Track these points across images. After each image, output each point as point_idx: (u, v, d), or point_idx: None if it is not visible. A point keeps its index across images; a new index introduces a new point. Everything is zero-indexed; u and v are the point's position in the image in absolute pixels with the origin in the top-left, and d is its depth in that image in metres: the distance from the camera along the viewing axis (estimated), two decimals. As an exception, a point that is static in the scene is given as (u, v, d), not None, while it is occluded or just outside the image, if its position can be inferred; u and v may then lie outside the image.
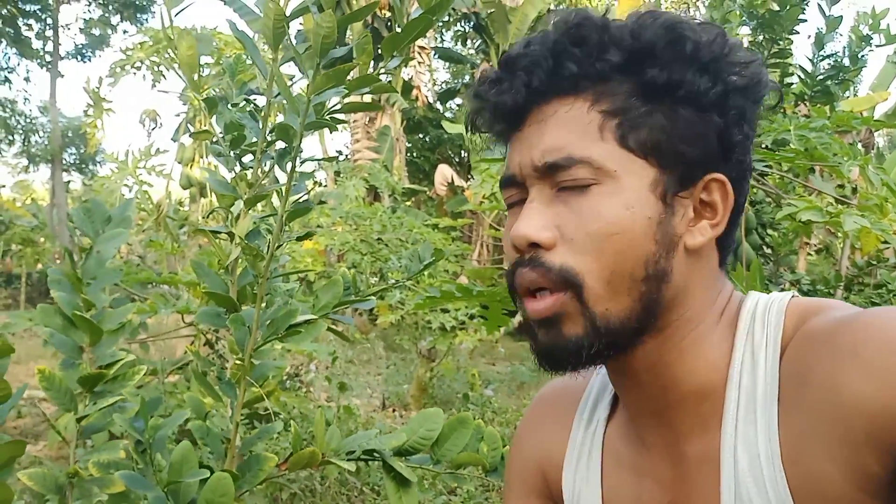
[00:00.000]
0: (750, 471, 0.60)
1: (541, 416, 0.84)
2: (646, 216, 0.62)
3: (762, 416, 0.61)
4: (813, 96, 4.10)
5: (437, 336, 5.17)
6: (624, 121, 0.62)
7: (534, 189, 0.64)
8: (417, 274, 1.68)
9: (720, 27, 0.66)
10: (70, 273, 1.43)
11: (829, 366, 0.56)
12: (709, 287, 0.67)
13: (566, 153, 0.62)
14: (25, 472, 1.24)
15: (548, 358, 0.65)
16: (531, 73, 0.64)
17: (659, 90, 0.62)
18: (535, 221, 0.63)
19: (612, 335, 0.62)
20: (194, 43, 1.51)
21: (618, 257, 0.61)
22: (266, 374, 1.45)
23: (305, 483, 3.00)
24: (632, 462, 0.71)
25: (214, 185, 1.54)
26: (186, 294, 4.38)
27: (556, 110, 0.64)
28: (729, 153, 0.65)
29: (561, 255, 0.62)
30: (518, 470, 0.84)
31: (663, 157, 0.63)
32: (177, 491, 1.24)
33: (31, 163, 19.80)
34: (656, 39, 0.62)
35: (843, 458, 0.55)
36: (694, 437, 0.66)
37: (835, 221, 2.55)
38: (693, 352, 0.65)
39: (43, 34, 17.94)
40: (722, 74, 0.63)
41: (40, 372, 1.33)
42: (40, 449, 4.23)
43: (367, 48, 1.35)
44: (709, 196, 0.65)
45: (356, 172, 10.98)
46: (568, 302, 0.62)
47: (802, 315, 0.63)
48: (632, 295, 0.62)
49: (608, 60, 0.63)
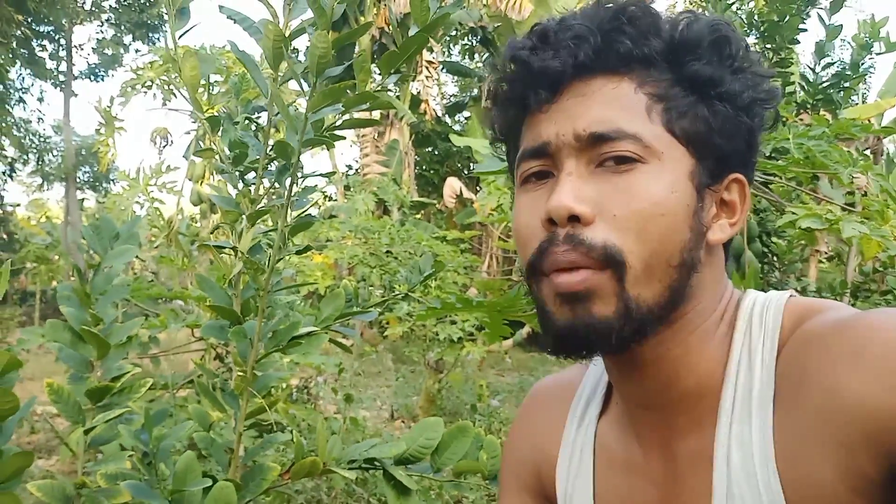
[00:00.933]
0: (743, 470, 0.60)
1: (534, 414, 0.84)
2: (685, 203, 0.62)
3: (757, 416, 0.61)
4: (815, 105, 4.11)
5: (445, 347, 5.19)
6: (670, 106, 0.63)
7: (570, 162, 0.63)
8: (418, 285, 1.71)
9: (745, 39, 0.67)
10: (79, 289, 1.47)
11: (829, 367, 0.56)
12: (717, 284, 0.67)
13: (616, 126, 0.61)
14: (35, 484, 1.28)
15: (570, 338, 0.62)
16: (578, 45, 0.63)
17: (702, 84, 0.63)
18: (576, 193, 0.61)
19: (641, 321, 0.61)
20: (197, 64, 1.55)
21: (660, 239, 0.60)
22: (269, 385, 1.48)
23: (312, 494, 3.02)
24: (624, 460, 0.71)
25: (219, 202, 1.59)
26: (197, 309, 4.43)
27: (603, 86, 0.63)
28: (751, 156, 0.67)
29: (602, 231, 0.60)
30: (512, 468, 0.84)
31: (701, 148, 0.63)
32: (181, 500, 1.27)
33: (46, 181, 20.02)
34: (702, 35, 0.63)
35: (839, 460, 0.55)
36: (688, 435, 0.66)
37: (834, 229, 2.55)
38: (697, 348, 0.65)
39: (56, 55, 18.21)
40: (750, 83, 0.65)
41: (49, 385, 1.37)
42: (53, 464, 4.28)
43: (364, 66, 1.39)
44: (729, 195, 0.67)
45: (365, 186, 11.04)
46: (606, 280, 0.60)
47: (801, 315, 0.63)
48: (663, 281, 0.61)
49: (655, 46, 0.63)
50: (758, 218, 4.14)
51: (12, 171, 18.67)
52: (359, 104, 1.37)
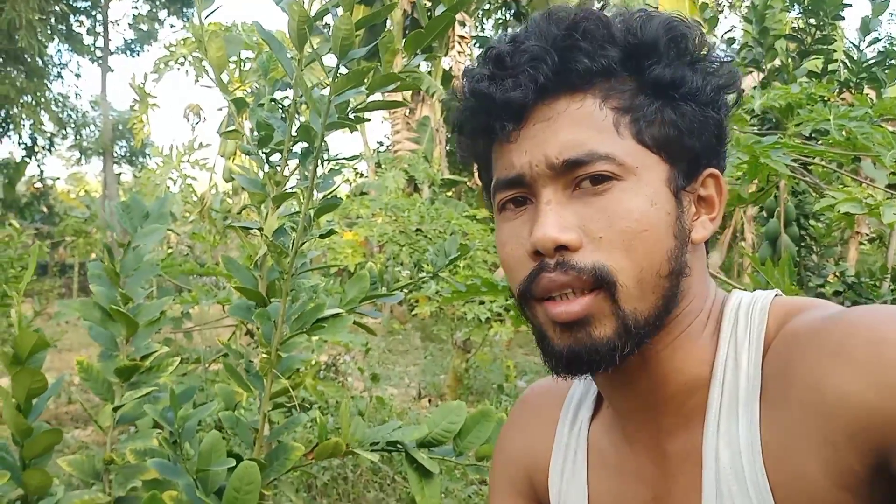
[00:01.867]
0: (731, 467, 0.60)
1: (525, 418, 0.84)
2: (666, 211, 0.62)
3: (744, 414, 0.61)
4: (858, 83, 3.98)
5: (473, 327, 5.19)
6: (638, 117, 0.62)
7: (547, 190, 0.62)
8: (445, 268, 1.71)
9: (698, 25, 0.67)
10: (109, 268, 1.49)
11: (814, 364, 0.56)
12: (702, 283, 0.67)
13: (588, 149, 0.60)
14: (65, 459, 1.31)
15: (574, 362, 0.63)
16: (536, 68, 0.62)
17: (664, 86, 0.63)
18: (558, 222, 0.60)
19: (640, 335, 0.61)
20: (223, 45, 1.55)
21: (647, 254, 0.60)
22: (293, 366, 1.49)
23: (338, 471, 3.06)
24: (616, 461, 0.72)
25: (244, 184, 1.59)
26: (229, 285, 4.49)
27: (567, 107, 0.62)
28: (721, 146, 0.67)
29: (590, 254, 0.60)
30: (503, 471, 0.84)
31: (673, 152, 0.63)
32: (206, 478, 1.29)
33: (84, 156, 20.39)
34: (658, 36, 0.63)
35: (825, 456, 0.55)
36: (677, 435, 0.66)
37: (875, 213, 2.49)
38: (684, 348, 0.65)
39: (93, 30, 18.45)
40: (707, 72, 0.64)
41: (79, 363, 1.39)
42: (89, 434, 4.40)
43: (390, 46, 1.37)
44: (706, 191, 0.66)
45: (396, 163, 11.03)
46: (600, 301, 0.60)
47: (786, 314, 0.63)
48: (656, 293, 0.62)
49: (613, 56, 0.62)
50: (796, 201, 4.04)
51: (51, 146, 19.04)
52: (384, 86, 1.35)
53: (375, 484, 3.12)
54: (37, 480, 1.17)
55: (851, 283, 4.07)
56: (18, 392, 1.08)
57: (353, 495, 2.98)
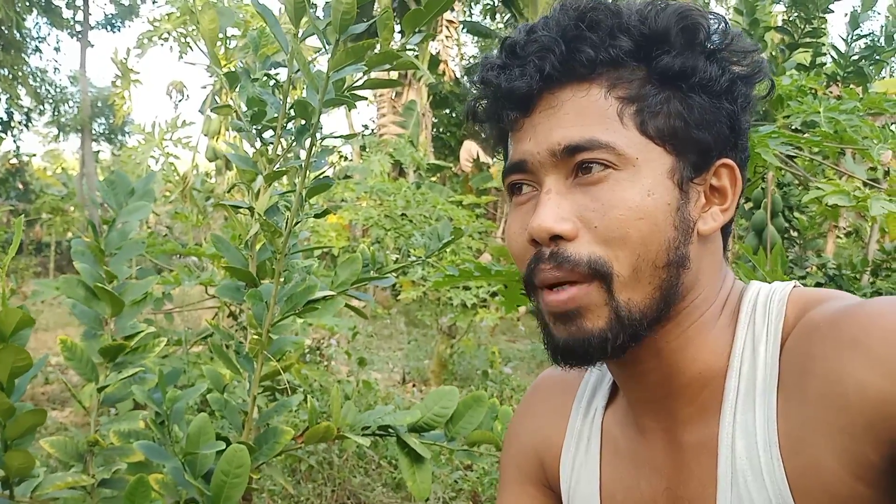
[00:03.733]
0: (747, 458, 0.60)
1: (537, 404, 0.84)
2: (665, 202, 0.61)
3: (761, 405, 0.61)
4: (846, 77, 4.00)
5: (458, 313, 5.18)
6: (642, 107, 0.62)
7: (549, 179, 0.63)
8: (436, 252, 1.68)
9: (723, 16, 0.66)
10: (93, 245, 1.45)
11: (832, 355, 0.56)
12: (715, 274, 0.67)
13: (588, 136, 0.61)
14: (48, 440, 1.28)
15: (569, 354, 0.63)
16: (543, 58, 0.62)
17: (673, 77, 0.62)
18: (555, 212, 0.61)
19: (634, 326, 0.61)
20: (216, 17, 1.51)
21: (643, 243, 0.60)
22: (284, 348, 1.47)
23: (323, 455, 3.04)
24: (629, 450, 0.71)
25: (235, 161, 1.55)
26: (211, 266, 4.43)
27: (572, 96, 0.63)
28: (737, 139, 0.66)
29: (586, 245, 0.61)
30: (514, 457, 0.84)
31: (679, 144, 0.62)
32: (194, 461, 1.27)
33: (61, 132, 20.03)
34: (669, 26, 0.62)
35: (842, 447, 0.55)
36: (692, 425, 0.66)
37: (862, 206, 2.50)
38: (698, 339, 0.65)
39: (73, 3, 18.06)
40: (728, 63, 0.64)
41: (63, 342, 1.35)
42: (66, 415, 4.33)
43: (388, 24, 1.34)
44: (719, 181, 0.66)
45: (381, 147, 10.96)
46: (593, 292, 0.61)
47: (804, 305, 0.63)
48: (653, 283, 0.61)
49: (622, 46, 0.62)
50: (781, 192, 4.06)
51: (28, 121, 18.69)
52: (382, 63, 1.32)
53: (361, 469, 3.11)
54: (19, 461, 1.14)
55: (833, 276, 4.11)
56: (1, 371, 1.04)
57: (338, 480, 2.96)
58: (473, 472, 3.10)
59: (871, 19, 4.19)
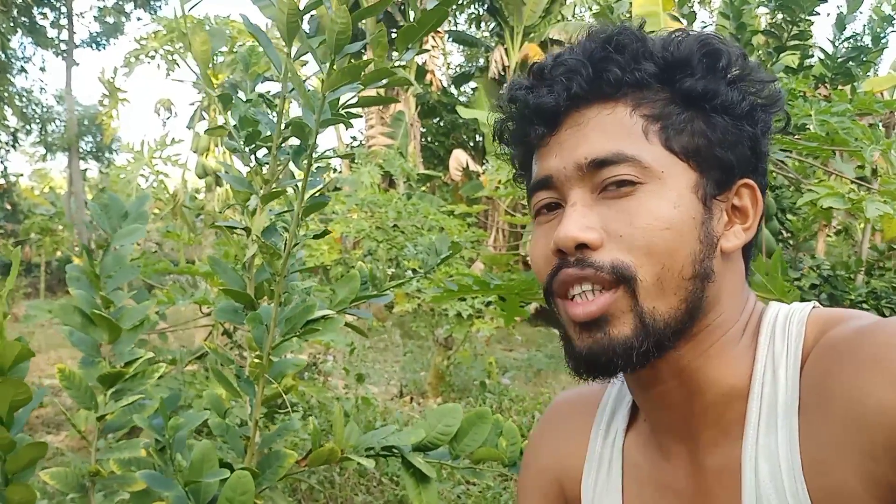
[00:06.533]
0: (771, 481, 0.60)
1: (557, 425, 0.84)
2: (690, 216, 0.62)
3: (783, 427, 0.61)
4: (833, 78, 4.02)
5: (454, 324, 5.17)
6: (667, 125, 0.64)
7: (574, 192, 0.64)
8: (435, 267, 1.67)
9: (741, 47, 0.69)
10: (88, 270, 1.43)
11: (851, 375, 0.56)
12: (737, 294, 0.67)
13: (615, 150, 0.63)
14: (47, 472, 1.25)
15: (593, 363, 0.64)
16: (571, 79, 0.65)
17: (696, 98, 0.64)
18: (581, 222, 0.62)
19: (659, 335, 0.62)
20: (208, 38, 1.49)
21: (669, 253, 0.61)
22: (285, 371, 1.45)
23: (324, 475, 3.02)
24: (651, 474, 0.71)
25: (229, 181, 1.54)
26: (204, 284, 4.40)
27: (598, 113, 0.65)
28: (758, 161, 0.68)
29: (610, 252, 0.62)
30: (533, 478, 0.83)
31: (703, 161, 0.64)
32: (198, 490, 1.25)
33: (48, 151, 19.93)
34: (692, 52, 0.65)
35: (865, 469, 0.55)
36: (715, 448, 0.66)
37: (857, 208, 2.51)
38: (718, 360, 0.65)
39: (58, 23, 18.01)
40: (747, 90, 0.66)
41: (60, 371, 1.33)
42: (62, 440, 4.27)
43: (382, 41, 1.33)
44: (740, 201, 0.67)
45: (371, 159, 10.95)
46: (620, 299, 0.61)
47: (823, 326, 0.63)
48: (678, 294, 0.62)
49: (646, 69, 0.64)
50: (773, 195, 4.08)
51: (15, 141, 18.59)
52: (376, 81, 1.31)
53: (362, 487, 3.08)
54: (20, 496, 1.11)
55: (827, 277, 4.12)
56: (1, 404, 1.02)
57: (340, 499, 2.93)
58: (476, 487, 3.08)
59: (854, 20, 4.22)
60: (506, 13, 13.46)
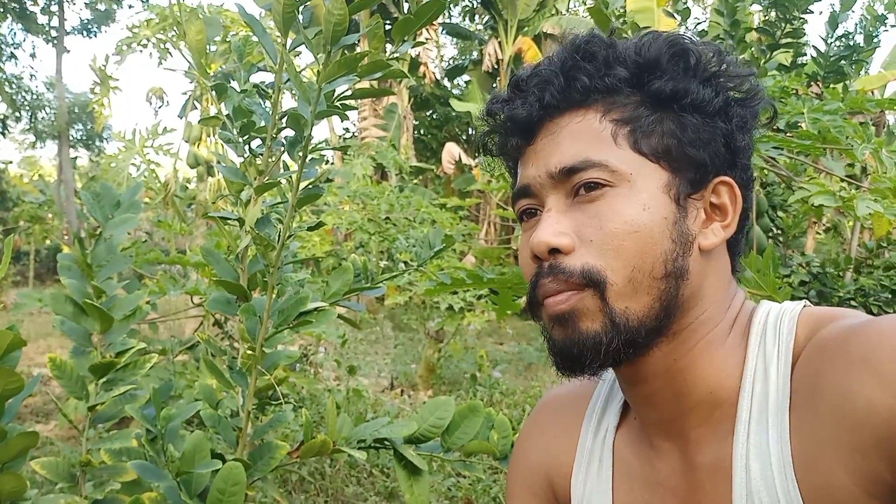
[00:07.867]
0: (762, 479, 0.61)
1: (546, 421, 0.84)
2: (662, 216, 0.63)
3: (774, 425, 0.61)
4: (826, 76, 4.04)
5: (445, 317, 5.17)
6: (636, 127, 0.65)
7: (550, 198, 0.66)
8: (428, 260, 1.67)
9: (717, 45, 0.69)
10: (80, 259, 1.42)
11: (841, 373, 0.57)
12: (722, 291, 0.68)
13: (583, 157, 0.64)
14: (38, 462, 1.25)
15: (565, 356, 0.65)
16: (543, 89, 0.67)
17: (666, 99, 0.65)
18: (553, 227, 0.64)
19: (631, 333, 0.63)
20: (203, 27, 1.48)
21: (638, 254, 0.62)
22: (277, 362, 1.45)
23: (315, 466, 3.02)
24: (642, 471, 0.72)
25: (223, 172, 1.53)
26: (195, 274, 4.39)
27: (569, 122, 0.66)
28: (735, 157, 0.68)
29: (581, 257, 0.63)
30: (522, 474, 0.84)
31: (674, 161, 0.65)
32: (189, 480, 1.25)
33: (38, 139, 19.75)
34: (660, 53, 0.66)
35: (855, 466, 0.55)
36: (705, 446, 0.66)
37: (848, 206, 2.52)
38: (706, 357, 0.66)
39: (48, 9, 17.83)
40: (722, 87, 0.67)
41: (51, 360, 1.33)
42: (51, 429, 4.25)
43: (378, 33, 1.33)
44: (718, 199, 0.68)
45: (363, 150, 10.93)
46: (588, 298, 0.63)
47: (815, 324, 0.64)
48: (651, 293, 0.63)
49: (616, 75, 0.66)
50: (764, 192, 4.10)
51: (4, 129, 18.44)
52: (373, 73, 1.30)
53: (353, 478, 3.09)
54: (10, 485, 1.11)
55: (817, 274, 4.15)
56: (-8, 394, 1.02)
57: (331, 490, 2.94)
58: (466, 479, 3.09)
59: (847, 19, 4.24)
60: (500, 6, 13.43)
